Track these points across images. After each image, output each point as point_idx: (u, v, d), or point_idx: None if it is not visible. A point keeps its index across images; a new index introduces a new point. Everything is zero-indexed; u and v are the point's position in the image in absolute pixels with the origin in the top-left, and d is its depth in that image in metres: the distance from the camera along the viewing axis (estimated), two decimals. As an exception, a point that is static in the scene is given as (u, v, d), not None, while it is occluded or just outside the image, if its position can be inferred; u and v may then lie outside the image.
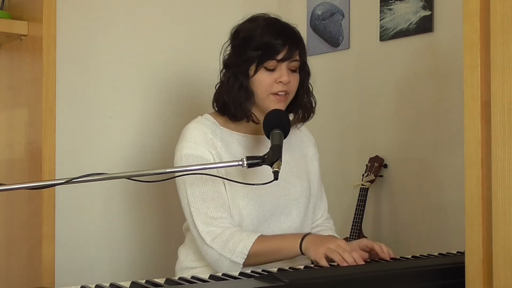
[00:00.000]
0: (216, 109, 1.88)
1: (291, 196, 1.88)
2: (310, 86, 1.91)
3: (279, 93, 1.79)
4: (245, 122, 1.84)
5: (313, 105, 1.91)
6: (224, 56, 1.87)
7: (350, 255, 1.61)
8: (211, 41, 2.71)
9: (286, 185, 1.88)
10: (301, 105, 1.89)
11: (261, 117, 1.78)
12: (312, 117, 1.93)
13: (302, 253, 1.71)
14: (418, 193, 2.49)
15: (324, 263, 1.61)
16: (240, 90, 1.79)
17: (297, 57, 1.81)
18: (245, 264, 1.73)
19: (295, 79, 1.82)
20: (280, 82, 1.78)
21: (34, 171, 2.25)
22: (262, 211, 1.82)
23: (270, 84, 1.78)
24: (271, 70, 1.78)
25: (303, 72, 1.87)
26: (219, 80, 1.89)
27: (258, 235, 1.74)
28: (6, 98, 2.45)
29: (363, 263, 1.62)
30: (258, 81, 1.79)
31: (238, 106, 1.80)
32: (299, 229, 1.88)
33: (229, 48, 1.87)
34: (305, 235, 1.73)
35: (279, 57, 1.77)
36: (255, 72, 1.78)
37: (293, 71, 1.81)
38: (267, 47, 1.76)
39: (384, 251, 1.72)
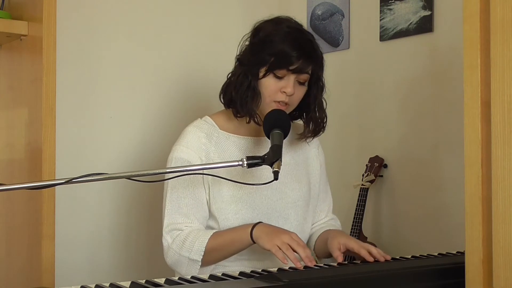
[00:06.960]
0: (222, 100, 1.87)
1: (289, 199, 1.87)
2: (323, 101, 1.89)
3: (280, 102, 1.78)
4: (246, 123, 1.84)
5: (324, 120, 1.89)
6: (241, 48, 1.86)
7: (304, 250, 1.64)
8: (211, 40, 2.72)
9: (283, 189, 1.87)
10: (312, 119, 1.88)
11: (261, 120, 1.78)
12: (323, 132, 1.91)
13: (254, 242, 1.72)
14: (418, 193, 2.49)
15: (280, 256, 1.63)
16: (248, 89, 1.79)
17: (309, 71, 1.79)
18: (204, 262, 1.75)
19: (300, 92, 1.81)
20: (284, 92, 1.77)
21: (34, 171, 2.24)
22: (256, 215, 1.82)
23: (275, 91, 1.77)
24: (280, 78, 1.77)
25: (317, 86, 1.85)
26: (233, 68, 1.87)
27: (214, 231, 1.77)
28: (6, 98, 2.45)
29: (314, 262, 1.64)
30: (264, 85, 1.78)
31: (244, 105, 1.79)
32: (299, 233, 1.87)
33: (247, 41, 1.85)
34: (255, 224, 1.74)
35: (291, 67, 1.75)
36: (264, 75, 1.77)
37: (301, 83, 1.80)
38: (281, 56, 1.75)
39: (373, 253, 1.71)
